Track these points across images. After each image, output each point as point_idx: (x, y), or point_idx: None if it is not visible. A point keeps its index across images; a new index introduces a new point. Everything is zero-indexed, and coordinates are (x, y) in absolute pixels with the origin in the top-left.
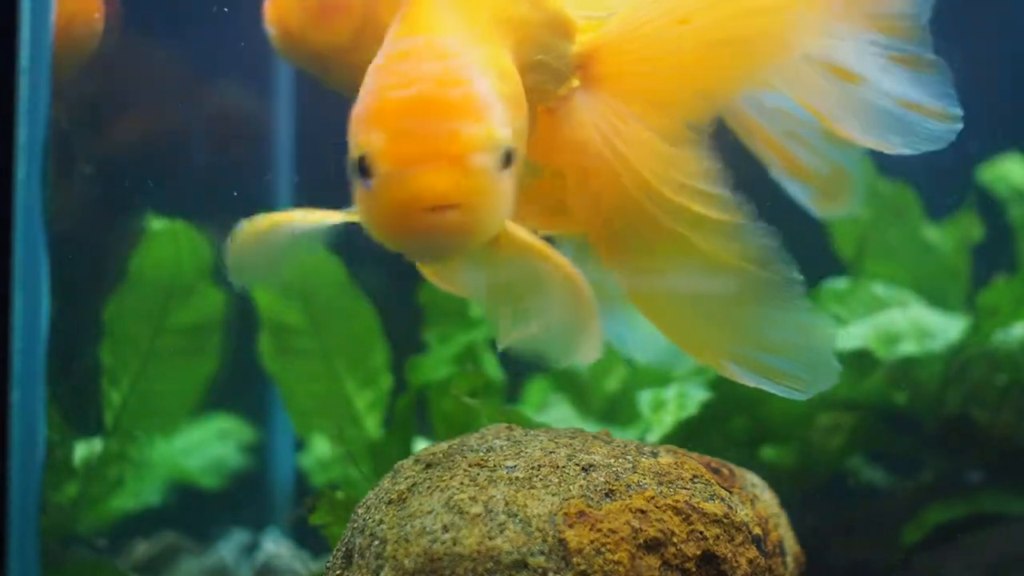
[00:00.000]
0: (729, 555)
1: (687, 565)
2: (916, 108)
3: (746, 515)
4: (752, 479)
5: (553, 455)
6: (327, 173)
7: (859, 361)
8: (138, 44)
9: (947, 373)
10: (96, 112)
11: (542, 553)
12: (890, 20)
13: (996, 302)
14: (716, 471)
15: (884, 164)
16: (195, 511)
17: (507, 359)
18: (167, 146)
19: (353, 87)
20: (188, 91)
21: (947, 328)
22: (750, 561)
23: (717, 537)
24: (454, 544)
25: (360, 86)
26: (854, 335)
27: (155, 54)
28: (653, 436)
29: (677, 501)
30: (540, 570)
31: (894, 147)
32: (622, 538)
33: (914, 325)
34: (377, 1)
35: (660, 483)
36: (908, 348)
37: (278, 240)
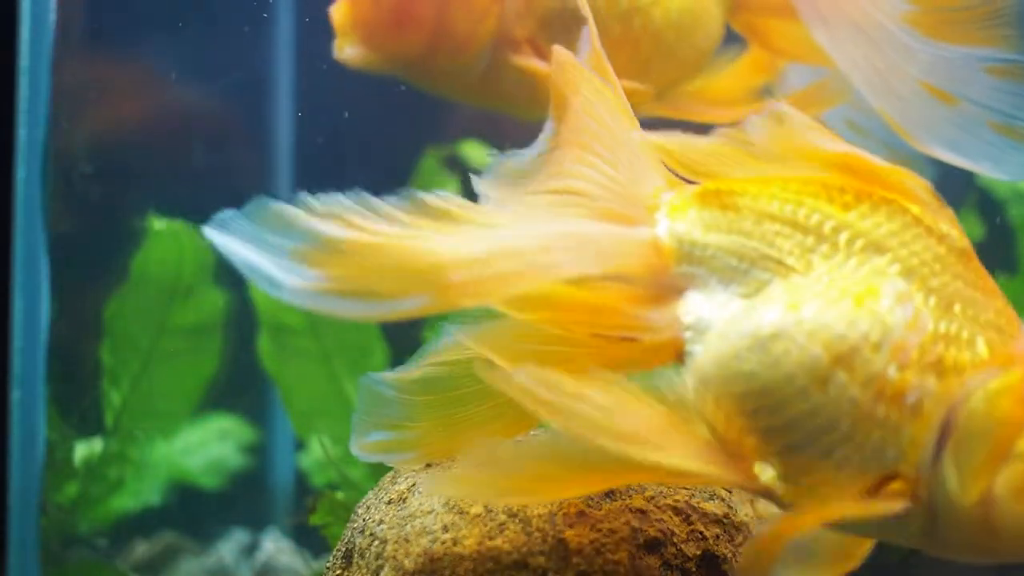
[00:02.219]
0: (729, 555)
1: (687, 565)
2: (1009, 133)
3: (746, 515)
4: None
5: None
6: (326, 172)
7: None
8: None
9: None
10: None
11: (542, 553)
12: (993, 30)
13: None
14: None
15: None
16: (195, 511)
17: None
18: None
19: (433, 90)
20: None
21: None
22: None
23: (717, 537)
24: (454, 544)
25: (439, 90)
26: None
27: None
28: None
29: (677, 501)
30: (540, 570)
31: (985, 171)
32: (622, 538)
33: None
34: (449, 14)
35: (660, 482)
36: None
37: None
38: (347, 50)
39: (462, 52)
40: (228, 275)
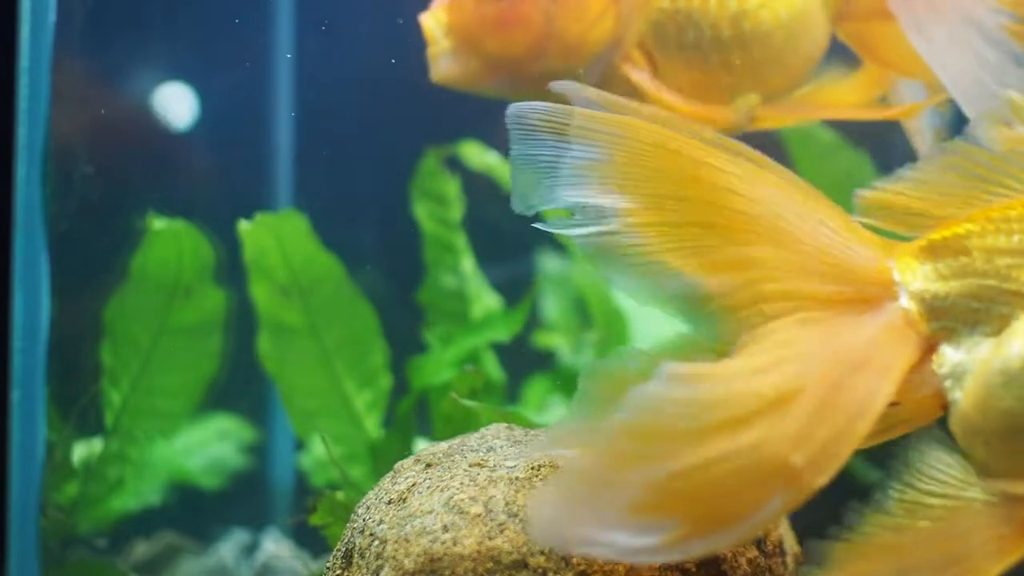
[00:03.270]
0: (729, 555)
1: (687, 565)
2: None
3: None
4: None
5: None
6: (326, 172)
7: None
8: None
9: None
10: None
11: (542, 553)
12: None
13: None
14: None
15: (883, 165)
16: (195, 511)
17: (507, 359)
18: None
19: (525, 96)
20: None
21: None
22: (750, 561)
23: None
24: (454, 544)
25: (534, 95)
26: None
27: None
28: None
29: None
30: (540, 570)
31: None
32: None
33: None
34: (559, 16)
35: None
36: None
37: None
38: (442, 62)
39: (573, 56)
40: (228, 275)
